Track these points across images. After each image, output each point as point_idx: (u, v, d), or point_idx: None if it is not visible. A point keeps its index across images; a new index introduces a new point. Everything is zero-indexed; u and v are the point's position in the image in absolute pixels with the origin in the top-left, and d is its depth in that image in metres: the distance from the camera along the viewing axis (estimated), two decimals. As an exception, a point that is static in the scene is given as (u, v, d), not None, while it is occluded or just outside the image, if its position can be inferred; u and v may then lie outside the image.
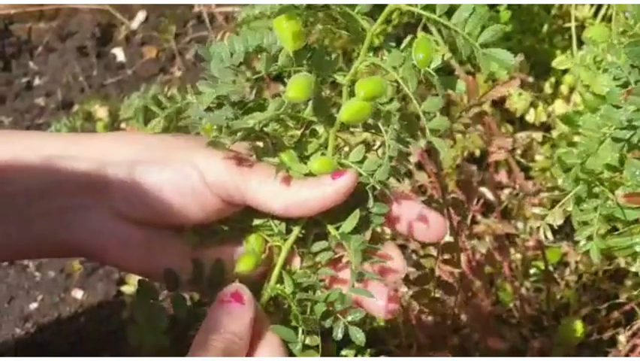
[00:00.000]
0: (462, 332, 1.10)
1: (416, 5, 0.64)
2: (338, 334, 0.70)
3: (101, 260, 0.77)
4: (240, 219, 0.74)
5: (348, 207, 0.70)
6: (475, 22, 0.63)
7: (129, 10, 1.77)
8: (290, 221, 0.72)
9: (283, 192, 0.69)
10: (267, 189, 0.69)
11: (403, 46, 0.68)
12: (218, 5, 1.68)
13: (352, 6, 0.66)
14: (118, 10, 1.74)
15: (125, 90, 1.65)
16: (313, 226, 0.72)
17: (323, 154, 0.71)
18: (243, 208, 0.72)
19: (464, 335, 1.07)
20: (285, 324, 0.71)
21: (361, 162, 0.70)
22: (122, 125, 1.47)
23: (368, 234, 0.71)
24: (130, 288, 1.34)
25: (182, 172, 0.70)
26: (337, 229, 0.71)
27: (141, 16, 1.77)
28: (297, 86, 0.66)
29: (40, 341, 1.33)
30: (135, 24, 1.76)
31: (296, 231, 0.72)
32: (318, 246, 0.72)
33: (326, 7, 0.66)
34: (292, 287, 0.71)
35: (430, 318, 1.08)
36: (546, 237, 0.90)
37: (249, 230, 0.74)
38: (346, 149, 0.72)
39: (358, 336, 0.70)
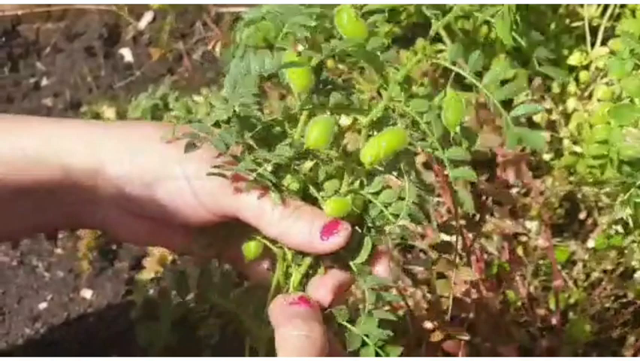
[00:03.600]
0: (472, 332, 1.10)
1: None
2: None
3: (115, 240, 0.81)
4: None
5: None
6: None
7: (136, 11, 1.77)
8: None
9: (276, 223, 0.70)
10: (261, 217, 0.70)
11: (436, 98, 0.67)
12: (218, 5, 1.68)
13: (376, 56, 0.66)
14: (125, 11, 1.74)
15: (133, 91, 1.65)
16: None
17: (336, 192, 0.70)
18: None
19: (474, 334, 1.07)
20: None
21: (378, 193, 0.70)
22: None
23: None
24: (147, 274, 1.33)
25: (176, 188, 0.72)
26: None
27: (148, 16, 1.77)
28: (318, 133, 0.65)
29: (49, 340, 1.34)
30: (142, 24, 1.76)
31: (307, 261, 0.72)
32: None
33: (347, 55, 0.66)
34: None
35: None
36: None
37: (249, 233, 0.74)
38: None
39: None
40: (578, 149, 1.24)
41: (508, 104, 0.64)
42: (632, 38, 0.84)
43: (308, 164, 0.70)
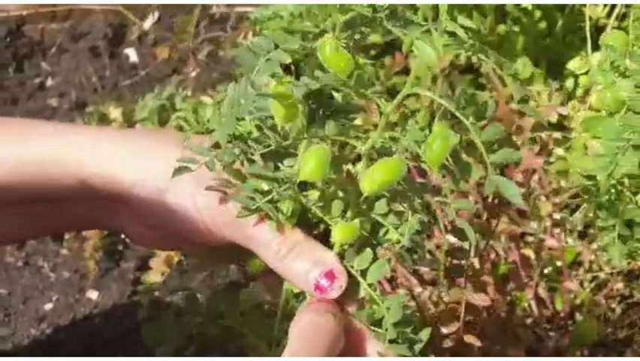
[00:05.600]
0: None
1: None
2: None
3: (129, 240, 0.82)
4: None
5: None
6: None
7: (141, 11, 1.77)
8: None
9: (275, 259, 0.70)
10: (261, 249, 0.71)
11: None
12: (229, 5, 1.68)
13: (366, 86, 0.65)
14: (130, 11, 1.74)
15: (139, 91, 1.65)
16: None
17: (343, 216, 0.70)
18: None
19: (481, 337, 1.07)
20: None
21: (386, 215, 0.70)
22: (137, 126, 1.47)
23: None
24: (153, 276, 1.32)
25: (181, 206, 0.73)
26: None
27: (153, 16, 1.77)
28: (313, 166, 0.64)
29: (55, 341, 1.34)
30: (147, 24, 1.76)
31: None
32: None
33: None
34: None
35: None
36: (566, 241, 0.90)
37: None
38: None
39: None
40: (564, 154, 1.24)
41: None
42: (614, 50, 0.83)
43: (314, 193, 0.70)
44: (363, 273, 0.70)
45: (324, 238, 0.71)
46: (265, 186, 0.68)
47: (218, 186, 0.69)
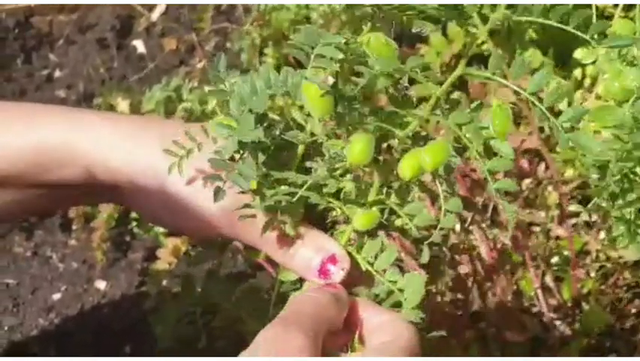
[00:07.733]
0: (482, 324, 1.10)
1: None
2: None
3: None
4: None
5: None
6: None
7: (149, 2, 1.77)
8: None
9: (279, 252, 0.70)
10: (265, 245, 0.71)
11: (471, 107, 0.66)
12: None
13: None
14: (138, 3, 1.74)
15: (146, 82, 1.66)
16: None
17: (363, 203, 0.70)
18: None
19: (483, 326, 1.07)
20: None
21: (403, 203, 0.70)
22: (144, 116, 1.47)
23: None
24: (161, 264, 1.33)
25: (182, 202, 0.73)
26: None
27: (161, 7, 1.77)
28: (360, 149, 0.64)
29: (63, 331, 1.34)
30: (155, 16, 1.77)
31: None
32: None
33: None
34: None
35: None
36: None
37: None
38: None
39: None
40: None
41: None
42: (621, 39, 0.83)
43: (349, 184, 0.69)
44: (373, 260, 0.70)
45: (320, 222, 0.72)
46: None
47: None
